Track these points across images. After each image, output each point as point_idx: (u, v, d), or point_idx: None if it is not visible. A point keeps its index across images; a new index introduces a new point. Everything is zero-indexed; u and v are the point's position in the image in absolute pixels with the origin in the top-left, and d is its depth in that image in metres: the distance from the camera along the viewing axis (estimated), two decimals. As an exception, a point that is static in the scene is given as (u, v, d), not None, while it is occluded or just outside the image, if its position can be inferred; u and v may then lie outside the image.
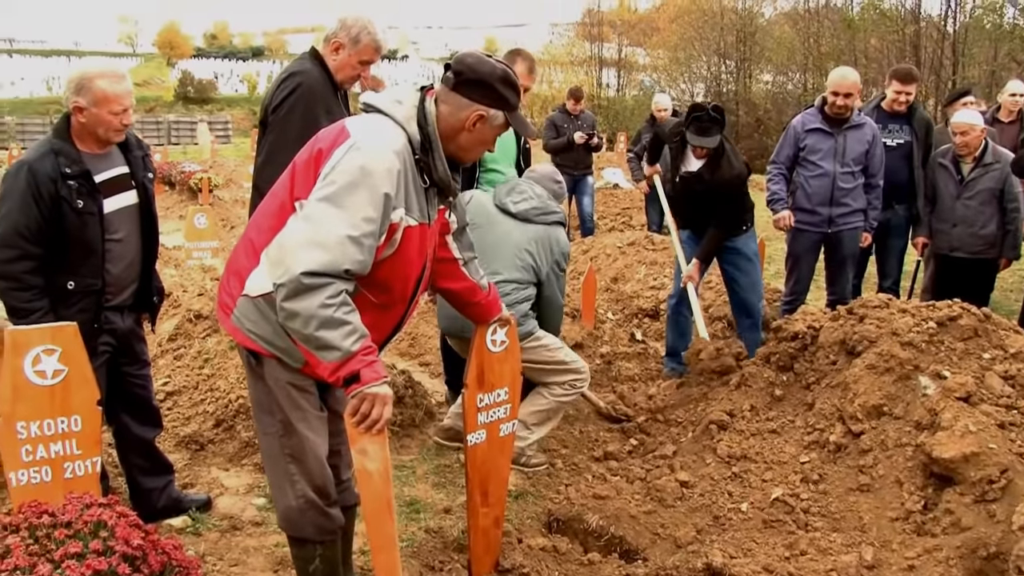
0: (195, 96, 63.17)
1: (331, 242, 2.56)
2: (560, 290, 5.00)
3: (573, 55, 42.08)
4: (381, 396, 2.65)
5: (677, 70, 33.89)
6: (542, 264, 4.76)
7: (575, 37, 45.38)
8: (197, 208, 9.88)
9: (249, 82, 74.44)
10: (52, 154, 3.60)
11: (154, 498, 4.17)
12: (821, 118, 6.39)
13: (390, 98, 2.85)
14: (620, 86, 41.18)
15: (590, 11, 43.82)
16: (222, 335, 5.78)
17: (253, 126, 54.36)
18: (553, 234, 4.83)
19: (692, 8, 34.61)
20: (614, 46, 43.31)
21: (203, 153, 28.46)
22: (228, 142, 43.27)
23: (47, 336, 3.03)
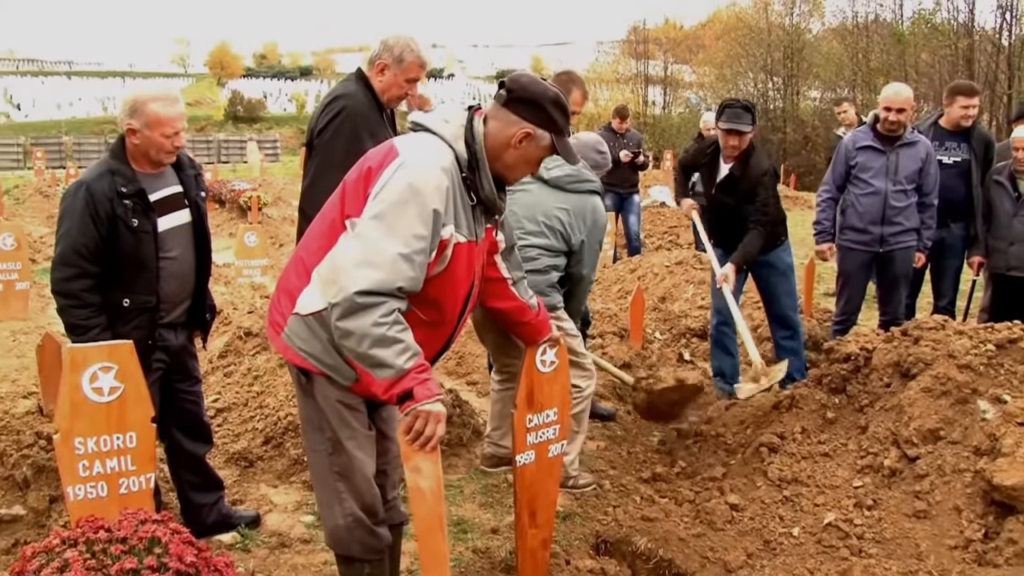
0: (244, 115, 64.21)
1: (383, 261, 2.58)
2: (591, 267, 4.84)
3: (619, 73, 42.16)
4: (435, 414, 2.67)
5: (723, 87, 33.78)
6: (574, 233, 4.61)
7: (620, 55, 45.47)
8: (247, 227, 10.01)
9: (297, 101, 75.52)
10: (109, 174, 3.67)
11: (204, 514, 4.20)
12: (873, 135, 6.29)
13: (438, 117, 2.87)
14: (666, 104, 41.18)
15: (635, 29, 43.91)
16: (271, 353, 5.83)
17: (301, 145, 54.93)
18: (589, 203, 4.68)
19: (738, 25, 34.54)
20: (660, 63, 43.32)
21: (252, 171, 28.88)
22: (277, 160, 43.91)
23: (104, 354, 3.08)
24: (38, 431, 4.42)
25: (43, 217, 17.60)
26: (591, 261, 4.81)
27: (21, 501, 4.20)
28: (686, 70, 44.06)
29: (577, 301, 4.89)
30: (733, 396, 5.88)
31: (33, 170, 30.29)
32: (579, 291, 4.86)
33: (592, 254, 4.79)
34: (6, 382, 5.60)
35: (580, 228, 4.64)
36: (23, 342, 6.91)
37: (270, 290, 8.34)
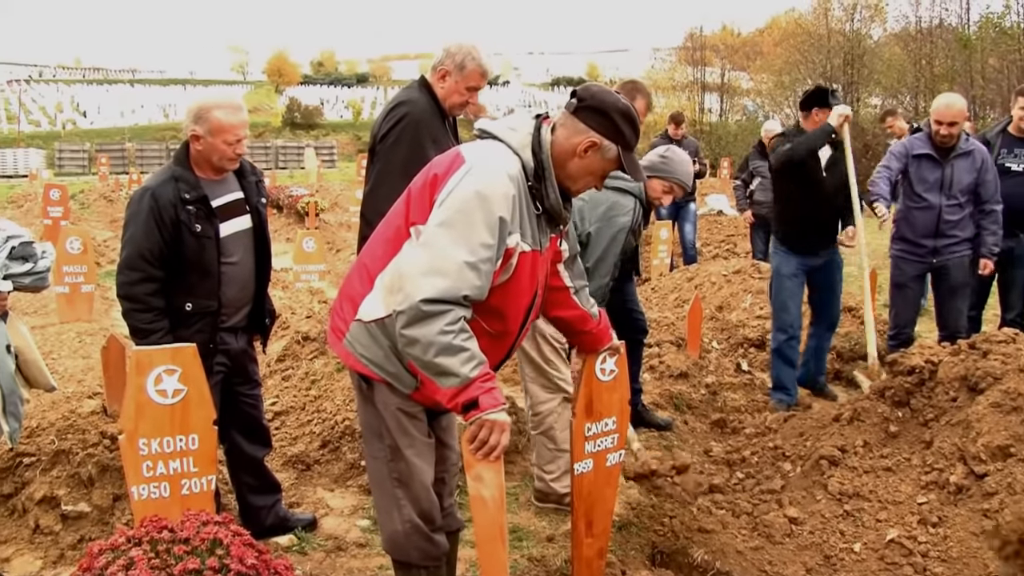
0: (302, 122, 65.07)
1: (450, 268, 2.58)
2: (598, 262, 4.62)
3: (675, 80, 41.88)
4: (499, 423, 2.66)
5: (781, 94, 33.38)
6: (582, 222, 4.54)
7: (677, 62, 45.19)
8: (305, 232, 10.11)
9: (354, 108, 76.28)
10: (173, 180, 3.73)
11: (262, 516, 4.25)
12: (930, 144, 6.16)
13: (505, 125, 2.86)
14: (723, 111, 40.81)
15: (692, 35, 43.62)
16: (329, 357, 5.88)
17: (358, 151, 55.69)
18: (610, 197, 4.59)
19: (797, 31, 34.07)
20: (717, 70, 42.97)
21: (309, 177, 29.22)
22: (333, 167, 44.41)
23: (168, 357, 3.13)
24: (102, 430, 4.51)
25: (107, 221, 18.00)
26: (599, 255, 4.61)
27: (86, 498, 4.28)
28: (743, 77, 43.67)
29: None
30: (792, 408, 5.80)
31: (98, 175, 30.98)
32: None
33: (600, 247, 4.61)
34: (72, 382, 5.72)
35: (591, 218, 4.58)
36: (88, 343, 7.07)
37: (328, 295, 8.43)
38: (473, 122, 3.40)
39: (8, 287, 3.65)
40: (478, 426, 2.65)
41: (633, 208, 4.69)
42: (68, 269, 8.26)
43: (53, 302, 8.84)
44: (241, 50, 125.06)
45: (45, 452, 4.38)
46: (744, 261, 9.86)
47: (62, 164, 44.77)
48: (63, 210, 13.24)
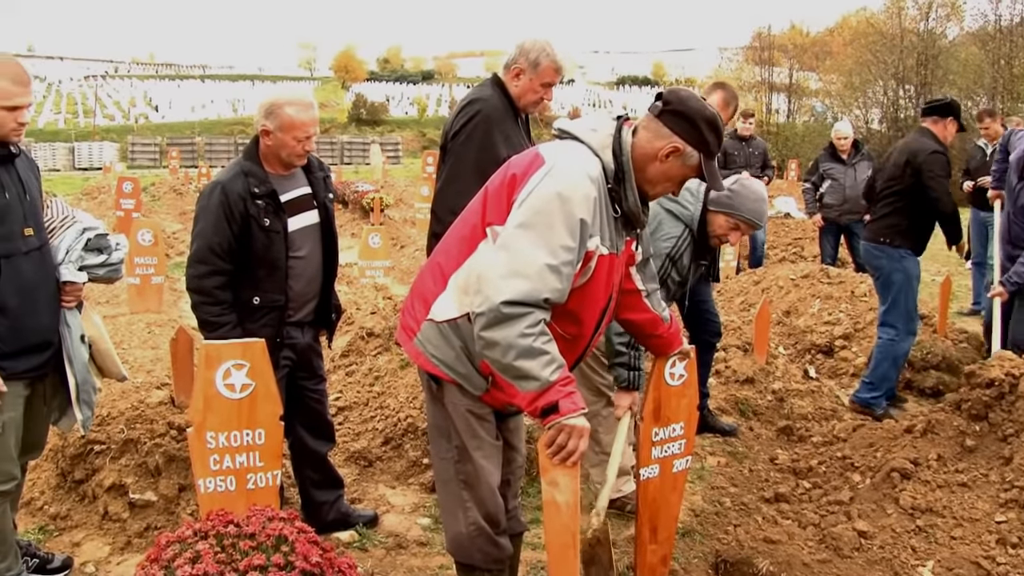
0: (367, 118, 65.73)
1: (531, 271, 2.53)
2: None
3: (742, 80, 41.35)
4: (578, 428, 2.61)
5: (851, 95, 32.71)
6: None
7: (744, 61, 44.64)
8: (371, 228, 10.16)
9: (419, 105, 76.83)
10: (243, 175, 3.76)
11: (324, 511, 4.26)
12: None
13: (585, 125, 2.81)
14: (790, 112, 40.18)
15: (760, 35, 43.03)
16: (393, 354, 5.89)
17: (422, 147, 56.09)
18: (660, 213, 4.44)
19: (869, 30, 33.36)
20: (784, 71, 42.33)
21: (375, 173, 29.47)
22: (398, 163, 44.77)
23: (237, 351, 3.15)
24: (170, 421, 4.57)
25: (176, 214, 18.36)
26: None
27: (153, 488, 4.35)
28: (812, 77, 42.96)
29: None
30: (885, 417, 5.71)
31: (168, 169, 31.61)
32: None
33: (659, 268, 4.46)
34: (141, 372, 5.81)
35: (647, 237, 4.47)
36: (157, 334, 7.19)
37: (392, 291, 8.46)
38: (539, 120, 3.38)
39: (83, 278, 3.70)
40: (557, 430, 2.61)
41: (679, 236, 4.45)
42: (139, 261, 8.42)
43: (124, 292, 9.02)
44: (310, 46, 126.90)
45: (115, 440, 4.46)
46: (812, 265, 9.67)
47: (134, 157, 45.91)
48: (135, 202, 13.53)
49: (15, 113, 3.30)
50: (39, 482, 4.64)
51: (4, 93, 3.25)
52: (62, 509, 4.46)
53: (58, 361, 3.64)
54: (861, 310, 7.89)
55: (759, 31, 43.35)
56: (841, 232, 10.14)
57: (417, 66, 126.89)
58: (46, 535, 4.33)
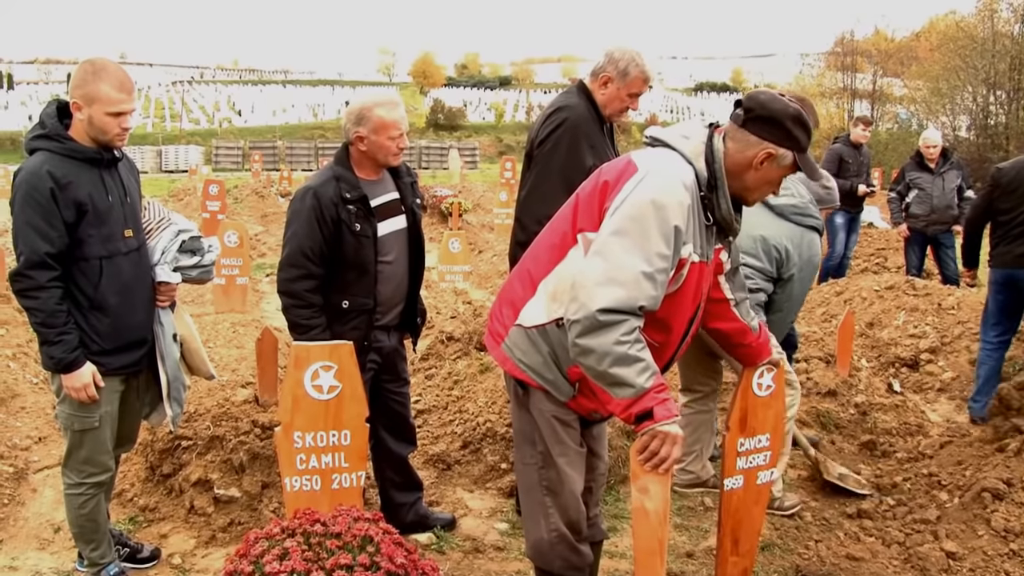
0: (445, 123, 66.28)
1: (627, 278, 2.53)
2: (796, 298, 4.67)
3: (823, 86, 40.47)
4: (672, 435, 2.61)
5: (938, 102, 31.72)
6: (788, 264, 4.49)
7: (826, 67, 43.68)
8: (451, 232, 10.23)
9: (496, 110, 77.22)
10: (334, 180, 3.82)
11: (403, 513, 4.30)
12: None
13: (677, 133, 2.80)
14: (874, 119, 39.24)
15: (843, 40, 42.08)
16: (472, 358, 5.92)
17: (499, 153, 56.30)
18: (808, 237, 4.55)
19: (958, 34, 32.26)
20: (868, 76, 41.34)
21: (452, 178, 29.66)
22: (475, 168, 44.98)
23: (326, 353, 3.21)
24: (254, 419, 4.66)
25: (258, 216, 18.69)
26: (797, 295, 4.66)
27: (237, 484, 4.44)
28: (896, 83, 41.87)
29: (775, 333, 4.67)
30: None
31: (251, 172, 32.25)
32: (779, 320, 4.70)
33: (801, 288, 4.63)
34: (227, 371, 5.94)
35: (795, 261, 4.51)
36: (241, 333, 7.34)
37: (471, 296, 8.51)
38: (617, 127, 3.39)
39: (177, 279, 3.81)
40: (650, 437, 2.61)
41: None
42: (225, 261, 8.60)
43: (209, 292, 9.24)
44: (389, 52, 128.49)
45: (201, 437, 4.57)
46: (897, 276, 9.43)
47: (218, 160, 47.00)
48: (220, 204, 13.81)
49: (119, 119, 3.42)
50: (129, 474, 4.78)
51: (109, 100, 3.37)
52: (151, 501, 4.59)
53: (151, 358, 3.76)
54: (949, 323, 7.67)
55: (842, 36, 42.37)
56: (928, 243, 9.87)
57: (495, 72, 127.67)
58: (136, 526, 4.45)
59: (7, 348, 6.77)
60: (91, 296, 3.48)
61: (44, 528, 4.48)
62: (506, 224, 14.97)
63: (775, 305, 4.61)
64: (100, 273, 3.48)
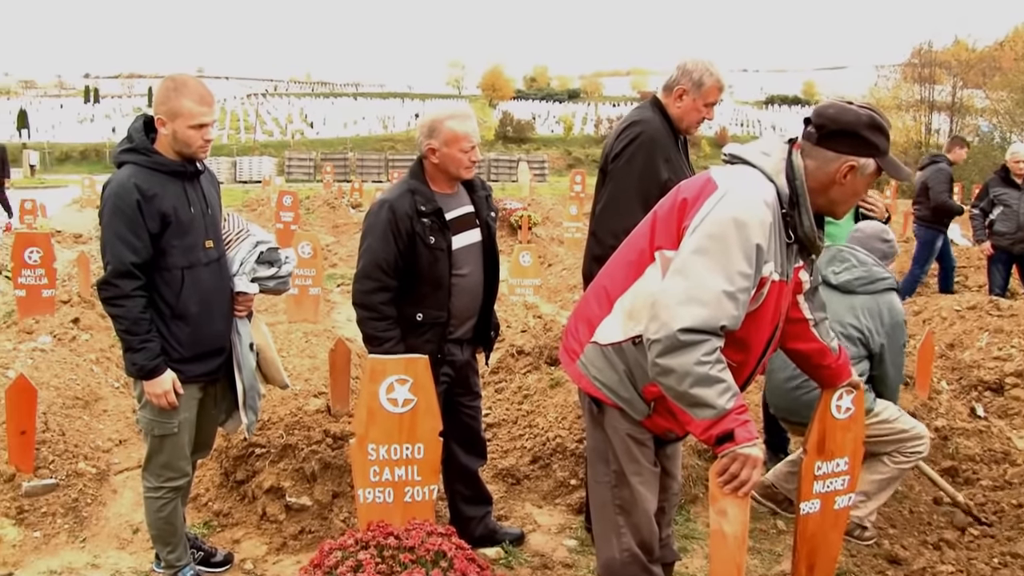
0: (514, 136, 66.55)
1: (708, 298, 2.50)
2: (895, 364, 4.57)
3: (899, 99, 39.61)
4: (752, 458, 2.56)
5: (1022, 114, 30.80)
6: (873, 337, 4.42)
7: (902, 79, 42.76)
8: (522, 246, 10.22)
9: (565, 123, 77.19)
10: (409, 193, 3.85)
11: (472, 526, 4.29)
12: None
13: (757, 150, 2.76)
14: (952, 132, 38.26)
15: (920, 51, 41.15)
16: (543, 372, 5.90)
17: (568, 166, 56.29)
18: (883, 302, 4.47)
19: (1047, 42, 31.30)
20: (947, 88, 40.36)
21: (522, 191, 29.68)
22: (544, 180, 45.01)
23: (401, 366, 3.22)
24: (326, 429, 4.71)
25: (329, 227, 18.95)
26: (896, 361, 4.55)
27: (308, 493, 4.48)
28: (978, 95, 40.81)
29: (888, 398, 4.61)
30: None
31: (322, 183, 32.70)
32: (886, 391, 4.59)
33: (896, 354, 4.53)
34: (300, 380, 6.01)
35: (878, 330, 4.43)
36: (314, 343, 7.42)
37: (542, 310, 8.50)
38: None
39: (255, 289, 3.87)
40: (730, 459, 2.56)
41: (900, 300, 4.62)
42: (299, 272, 8.69)
43: (282, 302, 9.36)
44: (459, 64, 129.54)
45: (274, 445, 4.63)
46: (979, 296, 9.15)
47: (291, 171, 47.83)
48: (294, 215, 14.01)
49: (201, 131, 3.50)
50: (204, 480, 4.87)
51: (190, 113, 3.45)
52: (224, 507, 4.66)
53: (229, 367, 3.82)
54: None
55: (919, 47, 41.51)
56: (1013, 261, 9.57)
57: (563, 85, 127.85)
58: (209, 530, 4.53)
59: (91, 352, 6.95)
60: (173, 305, 3.56)
61: (124, 528, 4.59)
62: (576, 238, 14.92)
63: (880, 379, 4.55)
64: (182, 283, 3.56)
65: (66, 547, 4.39)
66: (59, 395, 5.79)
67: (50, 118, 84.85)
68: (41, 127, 75.95)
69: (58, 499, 4.64)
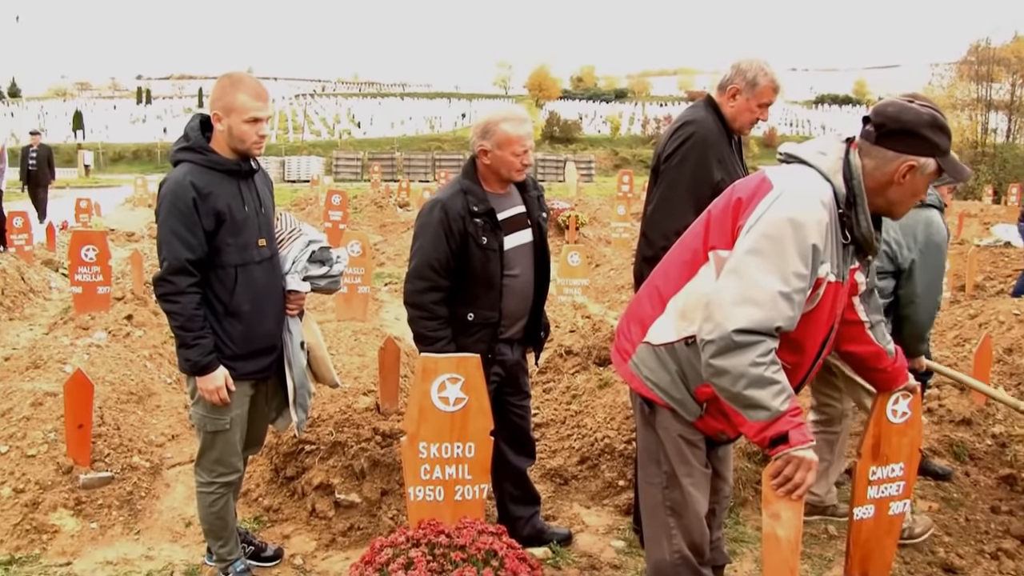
0: (560, 136, 66.45)
1: (764, 298, 2.48)
2: (928, 288, 4.34)
3: (955, 98, 38.83)
4: (807, 461, 2.54)
5: (1087, 111, 30.07)
6: (901, 251, 4.25)
7: (958, 78, 41.91)
8: (570, 246, 10.21)
9: (612, 123, 76.92)
10: (462, 193, 3.85)
11: (520, 526, 4.29)
12: None
13: (813, 149, 2.72)
14: (1011, 131, 37.43)
15: (977, 48, 40.30)
16: (591, 373, 5.88)
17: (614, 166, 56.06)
18: (920, 217, 4.27)
19: (1117, 38, 30.53)
20: (1005, 86, 39.49)
21: (569, 191, 29.65)
22: (591, 181, 44.91)
23: (453, 365, 3.23)
24: (375, 427, 4.74)
25: (376, 226, 19.08)
26: (927, 281, 4.33)
27: (357, 490, 4.51)
28: (1039, 93, 39.87)
29: (913, 326, 4.41)
30: None
31: (370, 183, 32.93)
32: (914, 314, 4.38)
33: (928, 273, 4.32)
34: (349, 378, 6.05)
35: (910, 246, 4.26)
36: (363, 342, 7.47)
37: (590, 310, 8.47)
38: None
39: (307, 288, 3.90)
40: (784, 462, 2.54)
41: (943, 221, 4.38)
42: (348, 271, 8.72)
43: (331, 300, 9.44)
44: (506, 65, 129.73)
45: (324, 442, 4.67)
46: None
47: (338, 171, 48.27)
48: (342, 214, 14.10)
49: (256, 126, 3.54)
50: (255, 475, 4.92)
51: (245, 108, 3.49)
52: (274, 502, 4.71)
53: (280, 365, 3.86)
54: (1100, 352, 7.23)
55: (976, 44, 40.64)
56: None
57: (610, 84, 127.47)
58: (260, 525, 4.58)
59: (144, 349, 7.07)
60: (226, 303, 3.60)
61: (176, 522, 4.67)
62: (623, 238, 14.86)
63: (906, 298, 4.33)
64: (235, 280, 3.59)
65: (121, 538, 4.48)
66: (114, 390, 5.89)
67: (104, 119, 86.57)
68: (95, 128, 77.54)
69: (113, 492, 4.73)
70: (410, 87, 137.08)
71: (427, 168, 48.34)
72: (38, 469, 4.65)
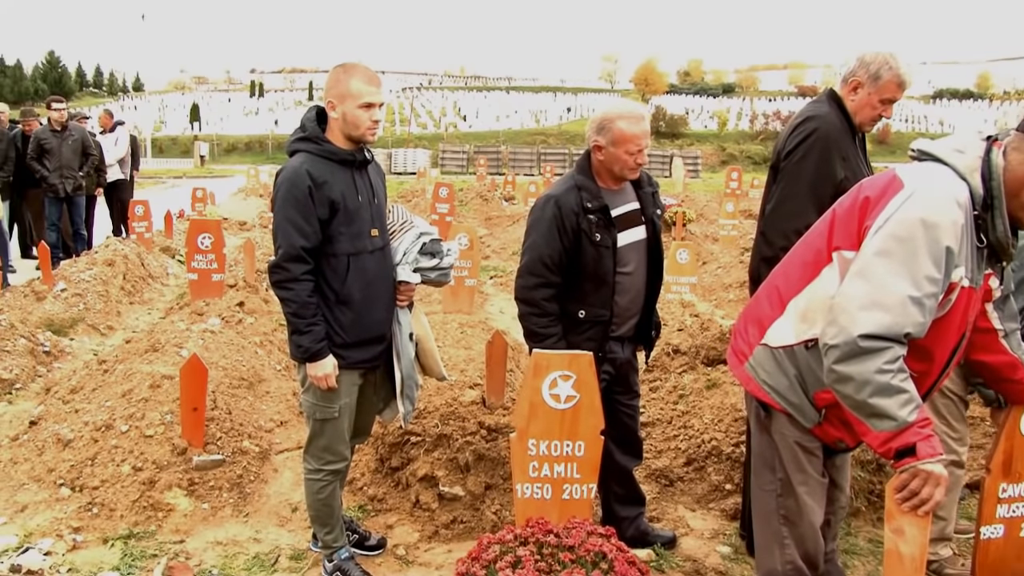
0: (666, 131, 65.76)
1: (892, 303, 2.37)
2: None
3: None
4: (935, 475, 2.42)
5: None
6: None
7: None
8: (678, 243, 10.05)
9: (719, 118, 75.72)
10: (575, 189, 3.81)
11: (623, 527, 4.23)
12: None
13: (950, 146, 2.59)
14: None
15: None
16: (699, 373, 5.77)
17: (721, 162, 55.19)
18: None
19: None
20: None
21: (675, 187, 29.29)
22: (697, 177, 44.32)
23: (565, 362, 3.20)
24: (480, 421, 4.74)
25: (481, 219, 19.17)
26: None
27: (461, 483, 4.52)
28: None
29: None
30: None
31: (476, 176, 33.16)
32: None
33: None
34: (455, 371, 6.07)
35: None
36: (469, 334, 7.49)
37: (698, 308, 8.32)
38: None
39: (417, 279, 3.92)
40: (911, 475, 2.43)
41: None
42: (456, 263, 8.78)
43: (438, 292, 9.53)
44: (612, 59, 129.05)
45: (429, 434, 4.69)
46: None
47: (444, 163, 48.80)
48: (449, 207, 14.20)
49: (370, 111, 3.57)
50: (360, 464, 4.98)
51: (358, 92, 3.52)
52: (379, 492, 4.76)
53: (388, 356, 3.88)
54: None
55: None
56: None
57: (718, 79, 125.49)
58: (364, 514, 4.64)
59: (255, 336, 7.25)
60: (338, 291, 3.64)
61: (283, 507, 4.76)
62: (731, 236, 14.57)
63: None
64: (347, 269, 3.63)
65: (231, 520, 4.60)
66: (226, 375, 6.05)
67: (219, 111, 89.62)
68: (211, 120, 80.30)
69: (224, 474, 4.86)
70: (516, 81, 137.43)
71: (532, 162, 48.44)
72: (155, 449, 4.80)
